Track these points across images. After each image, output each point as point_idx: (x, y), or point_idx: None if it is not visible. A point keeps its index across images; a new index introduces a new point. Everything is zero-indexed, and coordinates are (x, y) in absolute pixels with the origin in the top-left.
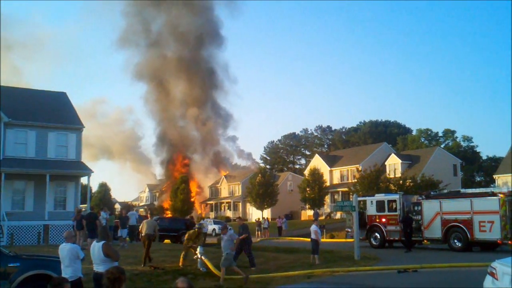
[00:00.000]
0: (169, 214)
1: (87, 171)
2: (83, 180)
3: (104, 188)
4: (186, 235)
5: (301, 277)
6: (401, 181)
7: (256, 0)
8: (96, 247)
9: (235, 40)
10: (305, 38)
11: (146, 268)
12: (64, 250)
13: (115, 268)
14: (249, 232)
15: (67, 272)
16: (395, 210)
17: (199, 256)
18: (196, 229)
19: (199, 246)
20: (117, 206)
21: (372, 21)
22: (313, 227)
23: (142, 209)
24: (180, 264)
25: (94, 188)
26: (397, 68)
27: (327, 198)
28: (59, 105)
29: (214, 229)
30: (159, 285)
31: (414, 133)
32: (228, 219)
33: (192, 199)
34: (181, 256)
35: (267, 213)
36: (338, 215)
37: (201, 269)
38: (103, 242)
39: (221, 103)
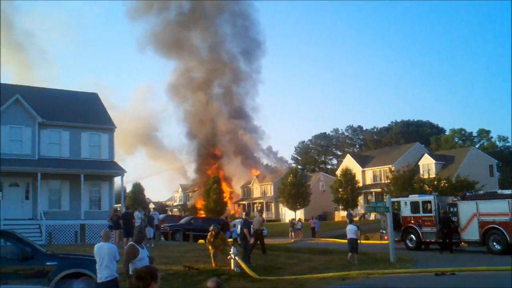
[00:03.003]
0: (202, 214)
1: (120, 171)
2: (117, 179)
3: (138, 188)
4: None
5: (335, 279)
6: (435, 182)
7: None
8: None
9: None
10: (336, 37)
11: (180, 268)
12: (103, 249)
13: (144, 267)
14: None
15: (105, 272)
16: (430, 211)
17: (233, 256)
18: (212, 231)
19: (232, 247)
20: (151, 206)
21: (404, 19)
22: (351, 227)
23: (175, 209)
24: (213, 264)
25: (128, 188)
26: (429, 67)
27: (360, 199)
28: (91, 105)
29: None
30: (193, 285)
31: (447, 133)
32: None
33: (224, 199)
34: (211, 257)
35: (300, 213)
36: (372, 216)
37: (235, 269)
38: (130, 243)
39: (251, 103)
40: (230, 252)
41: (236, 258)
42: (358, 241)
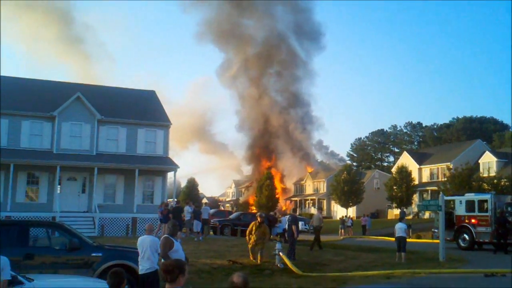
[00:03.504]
0: (254, 209)
1: (174, 166)
2: (171, 174)
3: (192, 183)
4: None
5: (380, 277)
6: (495, 181)
7: None
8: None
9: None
10: (394, 32)
11: (224, 262)
12: (145, 242)
13: (173, 261)
14: (296, 224)
15: (146, 264)
16: (486, 210)
17: (277, 252)
18: (257, 219)
19: (277, 243)
20: (205, 201)
21: (460, 12)
22: (400, 225)
23: (228, 204)
24: (251, 258)
25: (183, 183)
26: (493, 61)
27: (415, 197)
28: (148, 102)
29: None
30: (249, 280)
31: None
32: (312, 216)
33: (276, 195)
34: (250, 252)
35: (352, 211)
36: (426, 214)
37: (278, 265)
38: (165, 235)
39: (307, 100)
40: (275, 248)
41: (280, 253)
42: (407, 240)
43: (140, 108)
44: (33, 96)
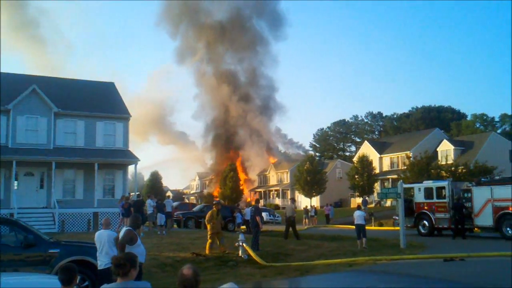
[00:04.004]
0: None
1: (134, 160)
2: (132, 168)
3: (155, 177)
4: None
5: (342, 265)
6: (453, 168)
7: None
8: (122, 232)
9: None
10: (354, 22)
11: (188, 255)
12: (103, 236)
13: (124, 254)
14: (260, 215)
15: (105, 258)
16: (444, 197)
17: (241, 243)
18: (214, 208)
19: (240, 234)
20: (169, 194)
21: (422, 5)
22: (359, 212)
23: (192, 197)
24: (207, 252)
25: (146, 176)
26: (451, 51)
27: (377, 186)
28: (106, 95)
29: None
30: (199, 272)
31: (469, 118)
32: (277, 206)
33: (241, 187)
34: (208, 245)
35: (316, 200)
36: (388, 202)
37: (242, 256)
38: (127, 227)
39: (269, 90)
40: (238, 239)
41: (244, 244)
42: (366, 227)
43: (99, 100)
44: None
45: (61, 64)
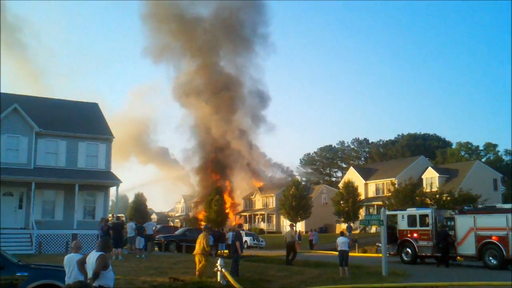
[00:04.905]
0: (203, 225)
1: (116, 181)
2: (113, 190)
3: (139, 199)
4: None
5: None
6: (437, 196)
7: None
8: (92, 256)
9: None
10: (341, 48)
11: (165, 280)
12: (72, 260)
13: (78, 282)
14: (240, 240)
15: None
16: (428, 225)
17: (220, 268)
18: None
19: (219, 259)
20: (154, 217)
21: (412, 30)
22: (342, 239)
23: (177, 220)
24: (196, 274)
25: (131, 197)
26: (437, 80)
27: (362, 212)
28: (90, 115)
29: (246, 241)
30: None
31: (454, 146)
32: (262, 231)
33: (226, 210)
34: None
35: (301, 225)
36: (373, 229)
37: (221, 282)
38: (100, 253)
39: (257, 113)
40: (217, 264)
41: (223, 270)
42: (349, 254)
43: (82, 121)
44: None
45: (40, 81)
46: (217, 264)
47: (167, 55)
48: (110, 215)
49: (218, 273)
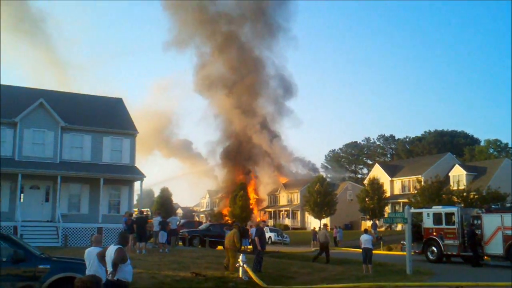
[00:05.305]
0: (228, 220)
1: (140, 176)
2: (137, 184)
3: (165, 193)
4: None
5: None
6: (464, 194)
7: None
8: (111, 250)
9: (296, 43)
10: (368, 44)
11: (187, 275)
12: (92, 254)
13: (89, 276)
14: (260, 236)
15: None
16: (454, 223)
17: (241, 264)
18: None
19: (242, 254)
20: (180, 211)
21: (438, 27)
22: (366, 236)
23: (202, 215)
24: (227, 266)
25: (157, 192)
26: (466, 76)
27: (388, 209)
28: (114, 110)
29: (270, 237)
30: None
31: (482, 144)
32: (286, 227)
33: (250, 206)
34: (229, 262)
35: (325, 222)
36: (399, 226)
37: (243, 277)
38: (118, 246)
39: (280, 103)
40: (239, 260)
41: (245, 265)
42: (373, 251)
43: (106, 116)
44: None
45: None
46: (239, 260)
47: (189, 44)
48: (135, 209)
49: (240, 268)
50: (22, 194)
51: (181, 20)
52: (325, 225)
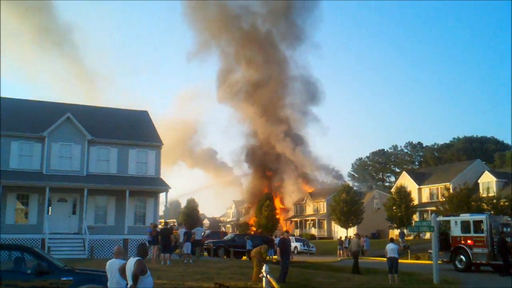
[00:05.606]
0: (254, 230)
1: (165, 187)
2: (163, 195)
3: (191, 204)
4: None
5: None
6: (494, 201)
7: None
8: (130, 262)
9: (320, 51)
10: (395, 51)
11: (211, 285)
12: (114, 265)
13: None
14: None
15: None
16: (482, 231)
17: (265, 274)
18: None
19: (265, 265)
20: (206, 222)
21: (462, 32)
22: (392, 245)
23: (228, 225)
24: (253, 279)
25: (183, 203)
26: (495, 81)
27: (415, 217)
28: (139, 123)
29: (296, 247)
30: None
31: None
32: (313, 236)
33: (276, 216)
34: (255, 272)
35: (352, 231)
36: (427, 235)
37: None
38: (137, 258)
39: (307, 116)
40: (263, 270)
41: (268, 276)
42: (399, 260)
43: (132, 129)
44: (22, 116)
45: (91, 89)
46: (262, 270)
47: (212, 47)
48: (162, 220)
49: (264, 279)
50: (49, 207)
51: (203, 21)
52: (357, 234)
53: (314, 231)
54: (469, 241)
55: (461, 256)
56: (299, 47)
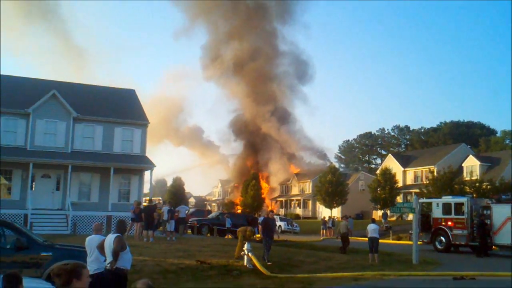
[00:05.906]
0: (239, 209)
1: (150, 165)
2: (148, 173)
3: (178, 183)
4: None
5: (348, 279)
6: (477, 184)
7: None
8: (109, 239)
9: (309, 31)
10: (384, 35)
11: (192, 262)
12: (93, 242)
13: (64, 264)
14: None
15: (94, 265)
16: (463, 213)
17: (247, 252)
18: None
19: (246, 243)
20: (192, 200)
21: (448, 18)
22: (373, 226)
23: (214, 204)
24: (235, 256)
25: (169, 181)
26: (482, 65)
27: (399, 199)
28: (126, 101)
29: (280, 226)
30: (201, 280)
31: (498, 134)
32: (297, 216)
33: (262, 196)
34: (237, 249)
35: (336, 212)
36: (410, 216)
37: (247, 265)
38: (117, 234)
39: (297, 98)
40: (244, 248)
41: (249, 254)
42: (379, 240)
43: (118, 107)
44: (7, 92)
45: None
46: (244, 248)
47: (199, 27)
48: (146, 198)
49: (245, 256)
50: (33, 183)
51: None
52: (346, 216)
53: (299, 211)
54: (449, 223)
55: (441, 237)
56: (288, 24)
